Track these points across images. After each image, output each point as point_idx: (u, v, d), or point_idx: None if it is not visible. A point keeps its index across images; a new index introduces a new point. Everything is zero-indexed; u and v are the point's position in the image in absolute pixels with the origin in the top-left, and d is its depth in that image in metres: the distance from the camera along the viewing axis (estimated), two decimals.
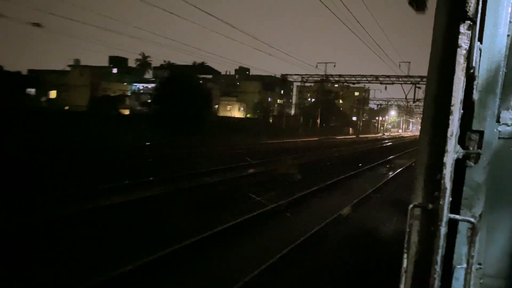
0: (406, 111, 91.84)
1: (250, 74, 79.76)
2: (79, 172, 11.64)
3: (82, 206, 7.42)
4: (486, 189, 1.24)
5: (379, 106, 79.14)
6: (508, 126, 1.27)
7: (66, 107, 43.39)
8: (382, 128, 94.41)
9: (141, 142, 22.21)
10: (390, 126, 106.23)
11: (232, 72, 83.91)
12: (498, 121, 1.26)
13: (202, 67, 58.53)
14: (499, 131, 1.27)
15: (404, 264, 1.27)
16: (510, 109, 1.29)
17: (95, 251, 5.34)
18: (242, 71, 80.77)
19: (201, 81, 43.74)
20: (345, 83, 45.11)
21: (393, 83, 38.91)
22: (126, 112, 39.49)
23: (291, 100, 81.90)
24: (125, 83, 55.44)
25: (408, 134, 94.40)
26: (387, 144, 40.08)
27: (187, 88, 29.17)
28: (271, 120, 54.79)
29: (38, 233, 5.94)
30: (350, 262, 5.55)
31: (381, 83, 39.60)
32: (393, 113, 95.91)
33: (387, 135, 76.80)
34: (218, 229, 6.17)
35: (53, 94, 45.75)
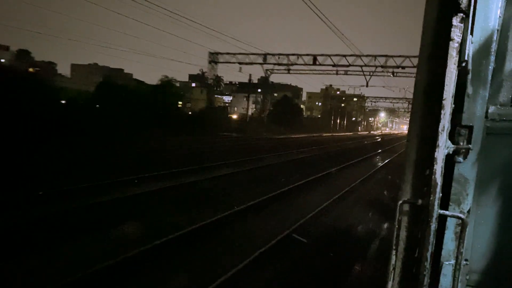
0: (394, 114, 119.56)
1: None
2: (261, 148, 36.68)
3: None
4: (474, 185, 1.24)
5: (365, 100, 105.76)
6: (496, 122, 1.26)
7: (190, 113, 67.32)
8: (374, 127, 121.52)
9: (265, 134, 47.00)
10: (380, 125, 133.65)
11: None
12: (486, 116, 1.25)
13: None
14: (487, 127, 1.26)
15: (393, 261, 1.27)
16: (498, 105, 1.28)
17: None
18: (265, 79, 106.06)
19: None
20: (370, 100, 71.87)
21: (397, 102, 65.88)
22: (235, 116, 63.79)
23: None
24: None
25: (395, 131, 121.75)
26: (395, 136, 66.34)
27: (290, 105, 54.81)
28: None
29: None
30: None
31: (390, 102, 66.56)
32: (383, 114, 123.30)
33: (383, 132, 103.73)
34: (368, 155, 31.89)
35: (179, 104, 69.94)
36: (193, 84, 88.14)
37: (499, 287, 1.34)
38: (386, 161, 20.34)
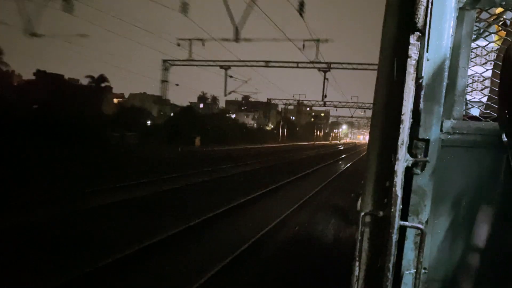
0: (353, 126, 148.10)
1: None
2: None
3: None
4: (431, 196, 1.29)
5: (337, 119, 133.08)
6: (450, 134, 1.34)
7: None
8: (338, 137, 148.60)
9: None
10: (343, 136, 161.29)
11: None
12: (441, 129, 1.31)
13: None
14: (442, 140, 1.33)
15: (356, 272, 1.30)
16: (452, 119, 1.38)
17: None
18: (246, 99, 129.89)
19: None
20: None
21: (361, 119, 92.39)
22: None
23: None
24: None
25: (355, 140, 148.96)
26: (357, 143, 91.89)
27: (289, 120, 79.41)
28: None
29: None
30: None
31: (355, 120, 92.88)
32: (344, 126, 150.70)
33: (347, 141, 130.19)
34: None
35: None
36: (201, 105, 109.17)
37: None
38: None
